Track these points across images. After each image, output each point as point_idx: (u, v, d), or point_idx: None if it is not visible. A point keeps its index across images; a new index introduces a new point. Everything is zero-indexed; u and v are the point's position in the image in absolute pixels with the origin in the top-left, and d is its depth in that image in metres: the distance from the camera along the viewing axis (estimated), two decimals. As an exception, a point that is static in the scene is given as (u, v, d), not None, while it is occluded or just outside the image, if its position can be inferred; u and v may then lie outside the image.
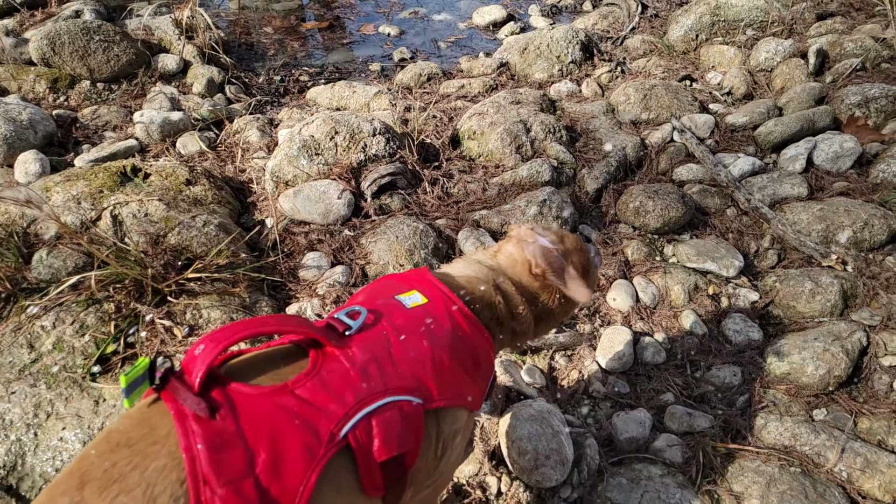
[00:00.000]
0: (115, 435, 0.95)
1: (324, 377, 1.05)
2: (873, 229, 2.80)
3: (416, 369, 1.15)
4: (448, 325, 1.25)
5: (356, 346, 1.12)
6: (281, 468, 0.95)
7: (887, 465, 1.97)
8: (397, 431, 1.08)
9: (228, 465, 0.91)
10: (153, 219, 2.56)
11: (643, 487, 1.88)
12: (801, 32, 4.36)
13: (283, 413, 0.99)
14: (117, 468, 0.89)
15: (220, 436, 0.93)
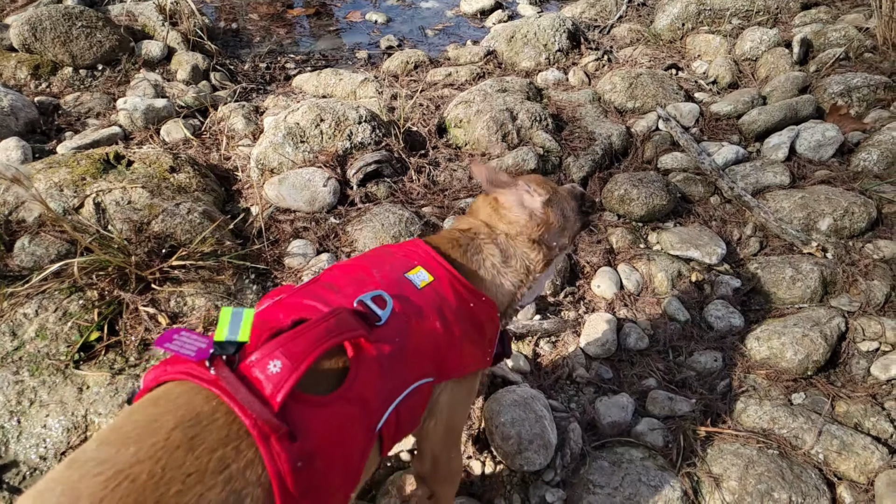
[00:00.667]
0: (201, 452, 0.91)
1: (365, 379, 1.12)
2: (853, 217, 2.83)
3: (430, 353, 1.26)
4: (455, 303, 1.33)
5: (385, 339, 1.19)
6: (345, 470, 1.07)
7: (863, 447, 2.01)
8: (413, 416, 1.24)
9: (307, 481, 0.98)
10: (137, 206, 2.55)
11: (624, 470, 1.90)
12: (785, 22, 4.39)
13: (343, 421, 1.07)
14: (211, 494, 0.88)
15: (301, 455, 0.97)
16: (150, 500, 0.82)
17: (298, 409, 1.00)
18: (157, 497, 0.83)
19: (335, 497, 1.06)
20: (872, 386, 2.28)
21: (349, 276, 1.31)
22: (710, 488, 1.90)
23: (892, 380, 2.28)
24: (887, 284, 2.60)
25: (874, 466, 1.97)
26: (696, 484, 1.92)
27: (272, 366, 0.99)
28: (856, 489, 1.94)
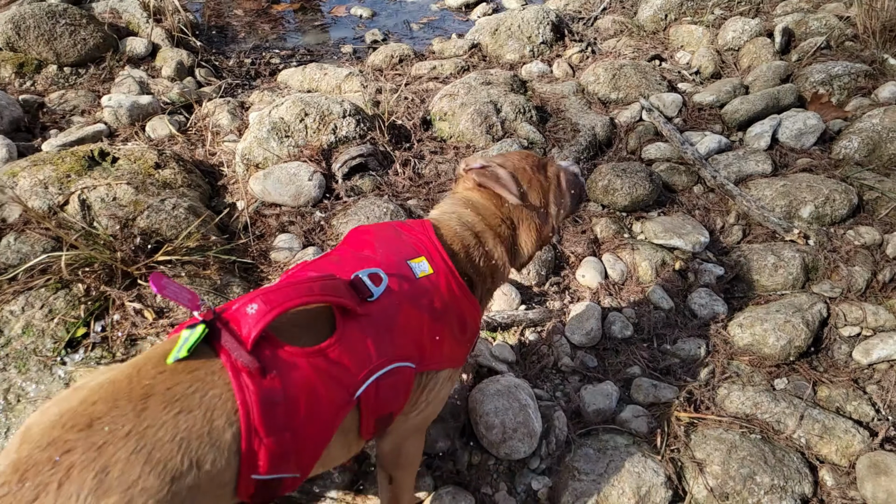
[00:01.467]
0: (147, 375, 1.04)
1: (349, 342, 1.19)
2: (834, 204, 2.87)
3: (415, 338, 1.31)
4: (447, 298, 1.39)
5: (375, 314, 1.25)
6: (312, 422, 1.12)
7: (844, 430, 2.04)
8: (395, 393, 1.27)
9: (274, 419, 1.06)
10: (122, 203, 2.55)
11: (609, 457, 1.93)
12: (767, 11, 4.42)
13: (318, 374, 1.13)
14: (179, 388, 1.02)
15: (270, 395, 1.06)
16: (124, 396, 0.99)
17: (275, 354, 1.09)
18: (129, 393, 0.99)
19: (304, 448, 1.12)
20: (854, 370, 2.32)
21: (354, 252, 1.40)
22: (694, 473, 1.93)
23: (873, 364, 2.32)
24: (868, 270, 2.63)
25: (855, 449, 2.01)
26: (679, 469, 1.95)
27: (250, 308, 1.10)
28: (837, 472, 1.97)
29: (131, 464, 0.92)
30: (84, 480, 0.89)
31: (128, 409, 0.97)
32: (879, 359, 2.31)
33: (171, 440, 0.97)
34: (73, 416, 0.96)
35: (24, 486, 0.89)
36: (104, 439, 0.93)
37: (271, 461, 1.07)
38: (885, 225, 2.86)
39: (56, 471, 0.90)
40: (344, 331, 1.20)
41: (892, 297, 2.53)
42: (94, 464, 0.91)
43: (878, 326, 2.43)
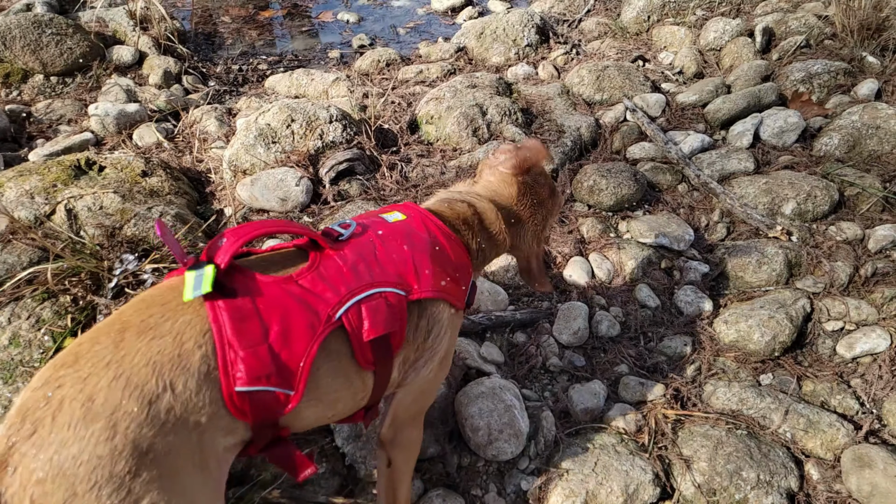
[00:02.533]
0: (149, 298, 1.15)
1: (321, 272, 1.26)
2: (816, 200, 2.90)
3: (398, 268, 1.36)
4: (425, 235, 1.45)
5: (348, 249, 1.33)
6: (289, 339, 1.17)
7: (828, 424, 2.07)
8: (383, 316, 1.29)
9: (248, 334, 1.13)
10: (108, 211, 2.55)
11: (597, 456, 1.95)
12: (748, 11, 4.47)
13: (290, 297, 1.20)
14: (152, 319, 1.10)
15: (241, 311, 1.14)
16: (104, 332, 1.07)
17: (246, 279, 1.19)
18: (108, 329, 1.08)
19: (285, 363, 1.17)
20: (838, 364, 2.35)
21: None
22: (682, 470, 1.95)
23: (856, 357, 2.35)
24: (850, 265, 2.67)
25: (840, 443, 2.03)
26: (667, 466, 1.97)
27: (220, 241, 1.20)
28: (823, 466, 2.00)
29: (112, 390, 1.00)
30: (74, 410, 0.98)
31: (107, 342, 1.05)
32: (862, 352, 2.34)
33: (144, 365, 1.04)
34: (62, 357, 1.05)
35: (25, 422, 0.98)
36: (88, 372, 1.01)
37: (250, 372, 1.12)
38: (866, 220, 2.90)
39: (49, 405, 0.98)
40: (316, 262, 1.27)
41: (874, 292, 2.57)
42: (81, 395, 0.99)
43: (860, 321, 2.46)
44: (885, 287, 2.56)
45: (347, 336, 1.26)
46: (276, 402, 1.17)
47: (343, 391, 1.32)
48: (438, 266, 1.43)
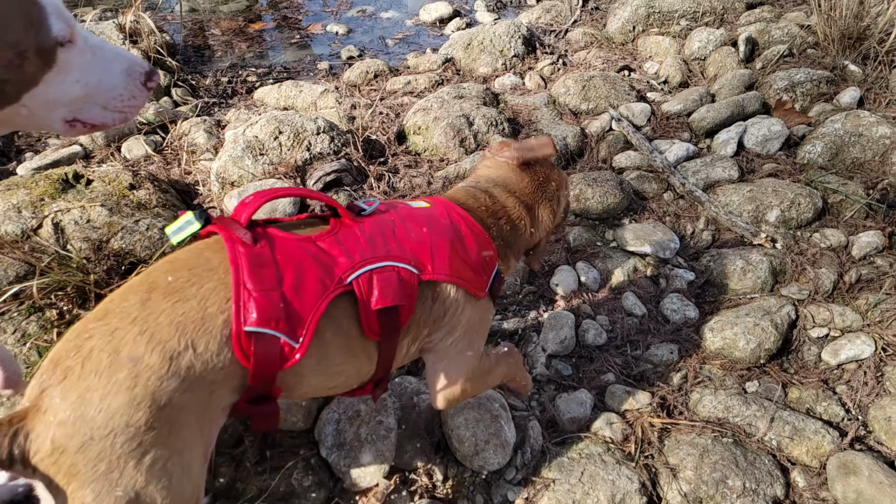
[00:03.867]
0: (178, 261, 1.22)
1: (339, 238, 1.33)
2: (800, 208, 2.93)
3: (414, 248, 1.41)
4: (447, 221, 1.50)
5: (368, 223, 1.40)
6: (301, 291, 1.23)
7: (814, 431, 2.08)
8: (393, 288, 1.33)
9: (262, 278, 1.19)
10: (95, 225, 2.55)
11: (583, 465, 1.95)
12: (731, 21, 4.52)
13: (307, 254, 1.28)
14: (179, 283, 1.16)
15: (259, 257, 1.21)
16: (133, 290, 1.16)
17: (267, 233, 1.27)
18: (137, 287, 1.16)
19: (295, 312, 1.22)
20: (824, 371, 2.36)
21: None
22: (668, 479, 1.95)
23: (842, 364, 2.36)
24: (834, 272, 2.69)
25: (825, 450, 2.04)
26: (653, 475, 1.97)
27: (247, 199, 1.31)
28: (809, 473, 2.01)
29: (137, 344, 1.09)
30: (101, 360, 1.06)
31: (135, 300, 1.14)
32: (847, 359, 2.35)
33: (169, 325, 1.12)
34: (94, 313, 1.15)
35: (57, 370, 1.06)
36: (116, 325, 1.10)
37: (261, 313, 1.17)
38: (849, 227, 2.92)
39: (79, 354, 1.07)
40: (336, 229, 1.35)
41: (859, 298, 2.59)
42: (108, 346, 1.08)
43: (845, 327, 2.48)
44: (869, 293, 2.59)
45: (356, 303, 1.31)
46: (281, 352, 1.21)
47: (345, 358, 1.35)
48: (456, 252, 1.47)
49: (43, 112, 1.38)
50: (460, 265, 1.47)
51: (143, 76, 1.45)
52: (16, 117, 1.37)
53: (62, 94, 1.38)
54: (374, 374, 1.45)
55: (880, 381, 2.28)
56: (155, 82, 1.48)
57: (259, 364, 1.19)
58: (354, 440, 1.92)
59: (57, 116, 1.40)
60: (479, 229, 1.56)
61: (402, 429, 2.00)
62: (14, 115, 1.36)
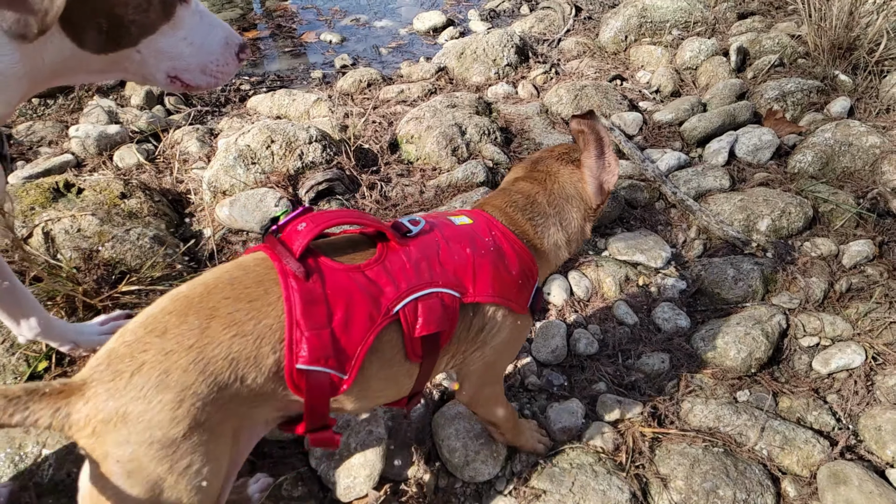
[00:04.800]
0: (239, 286, 1.26)
1: (387, 266, 1.36)
2: (790, 217, 2.94)
3: (458, 270, 1.44)
4: (489, 239, 1.53)
5: (413, 246, 1.42)
6: (349, 326, 1.27)
7: (805, 440, 2.08)
8: (436, 315, 1.38)
9: (314, 317, 1.24)
10: (86, 234, 2.54)
11: (574, 475, 1.95)
12: (723, 31, 4.55)
13: (356, 286, 1.31)
14: (238, 314, 1.21)
15: (311, 294, 1.25)
16: (194, 312, 1.20)
17: (319, 264, 1.30)
18: (198, 311, 1.20)
19: (343, 348, 1.28)
20: (815, 380, 2.37)
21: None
22: (658, 489, 1.95)
23: (832, 373, 2.37)
24: (825, 281, 2.70)
25: (816, 459, 2.04)
26: (644, 485, 1.97)
27: (300, 226, 1.32)
28: (799, 482, 2.00)
29: (189, 372, 1.15)
30: (150, 376, 1.13)
31: (195, 325, 1.19)
32: (838, 368, 2.36)
33: (223, 358, 1.18)
34: (153, 322, 1.19)
35: (108, 369, 1.14)
36: (172, 347, 1.16)
37: (311, 353, 1.23)
38: (840, 236, 2.94)
39: (132, 363, 1.14)
40: (383, 256, 1.38)
41: (849, 307, 2.60)
42: (161, 365, 1.14)
43: (836, 336, 2.49)
44: (859, 302, 2.60)
45: (401, 329, 1.36)
46: (330, 383, 1.28)
47: (390, 381, 1.42)
48: (498, 272, 1.49)
49: (152, 62, 1.52)
50: (502, 284, 1.49)
51: (237, 47, 1.61)
52: (128, 62, 1.49)
53: (170, 48, 1.51)
54: (412, 389, 1.51)
55: (871, 390, 2.28)
56: (246, 55, 1.65)
57: (311, 395, 1.27)
58: (344, 450, 1.92)
59: (162, 69, 1.54)
60: (521, 246, 1.58)
61: (392, 439, 2.00)
62: (127, 59, 1.48)
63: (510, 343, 1.60)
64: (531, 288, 1.59)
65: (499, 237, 1.55)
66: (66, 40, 1.35)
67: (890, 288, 2.62)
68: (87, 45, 1.38)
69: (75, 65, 1.42)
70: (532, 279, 1.59)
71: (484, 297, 1.47)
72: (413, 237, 1.45)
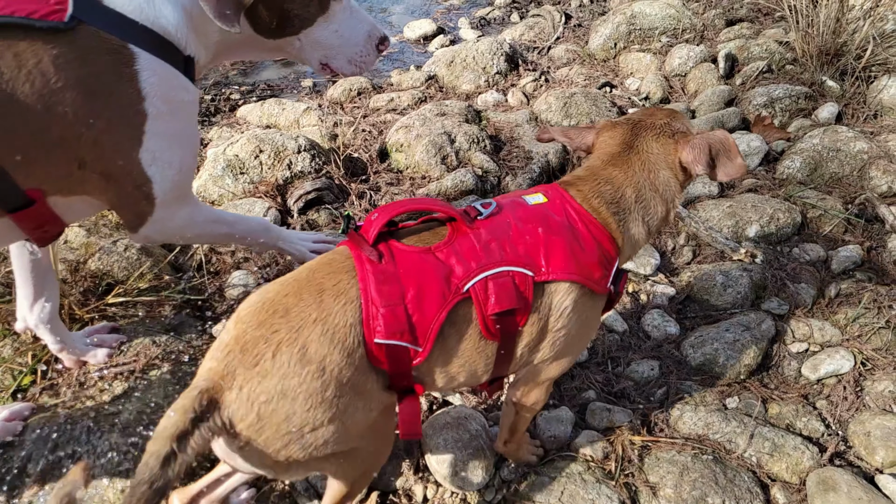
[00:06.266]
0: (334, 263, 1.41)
1: (456, 247, 1.43)
2: (779, 223, 2.95)
3: (529, 249, 1.47)
4: (562, 217, 1.54)
5: (483, 227, 1.48)
6: (422, 303, 1.37)
7: (793, 447, 2.08)
8: (508, 293, 1.42)
9: (388, 294, 1.35)
10: (73, 245, 2.53)
11: (563, 484, 1.94)
12: (711, 38, 4.57)
13: (427, 266, 1.40)
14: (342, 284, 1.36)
15: (384, 274, 1.36)
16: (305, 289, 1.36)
17: (391, 248, 1.41)
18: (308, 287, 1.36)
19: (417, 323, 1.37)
20: (804, 386, 2.37)
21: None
22: (648, 497, 1.95)
23: (821, 379, 2.37)
24: (814, 286, 2.71)
25: (805, 466, 2.04)
26: (634, 494, 1.97)
27: (373, 216, 1.44)
28: (788, 489, 2.00)
29: (321, 343, 1.30)
30: (291, 353, 1.27)
31: (311, 301, 1.33)
32: (827, 374, 2.36)
33: (344, 325, 1.32)
34: (272, 305, 1.33)
35: (246, 354, 1.27)
36: (299, 324, 1.30)
37: (387, 328, 1.33)
38: (828, 241, 2.95)
39: (269, 345, 1.28)
40: (453, 238, 1.45)
41: (838, 313, 2.60)
42: (296, 342, 1.28)
43: (825, 342, 2.49)
44: (848, 308, 2.60)
45: (474, 307, 1.42)
46: (407, 355, 1.39)
47: (468, 359, 1.48)
48: (571, 250, 1.50)
49: (309, 49, 1.81)
50: (577, 262, 1.50)
51: (377, 40, 1.86)
52: (290, 47, 1.80)
53: (324, 38, 1.79)
54: (492, 372, 1.56)
55: (860, 395, 2.28)
56: (386, 47, 1.91)
57: (392, 366, 1.39)
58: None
59: (316, 57, 1.84)
60: (597, 225, 1.55)
61: (380, 450, 1.98)
62: (290, 44, 1.79)
63: (586, 324, 1.61)
64: (611, 267, 1.57)
65: (572, 216, 1.55)
66: (247, 24, 1.68)
67: (878, 293, 2.62)
68: (261, 30, 1.71)
69: (251, 44, 1.76)
70: (611, 259, 1.57)
71: (559, 274, 1.48)
72: (483, 219, 1.50)
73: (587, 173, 1.66)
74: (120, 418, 1.99)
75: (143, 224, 1.70)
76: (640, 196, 1.63)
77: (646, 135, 1.68)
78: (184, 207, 1.77)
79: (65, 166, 1.49)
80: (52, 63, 1.38)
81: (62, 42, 1.40)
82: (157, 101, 1.55)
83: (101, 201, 1.66)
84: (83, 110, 1.44)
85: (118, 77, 1.48)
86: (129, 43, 1.49)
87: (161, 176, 1.63)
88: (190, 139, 1.74)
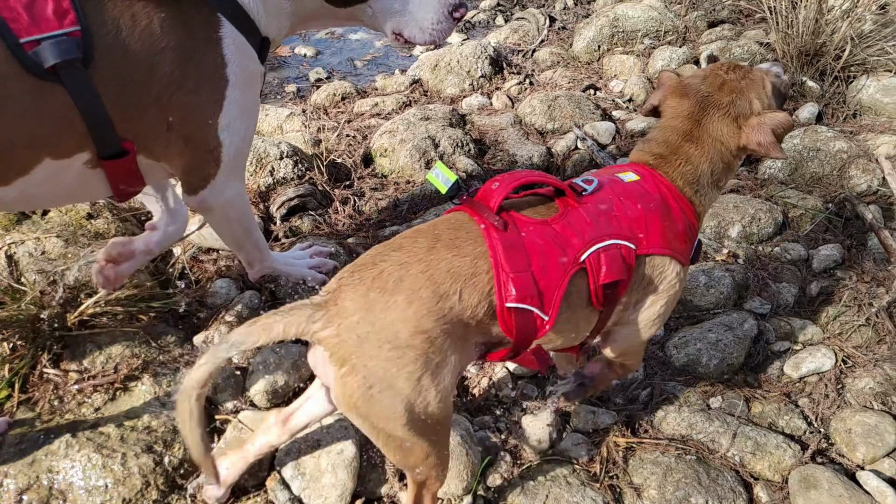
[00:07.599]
0: (457, 221, 1.51)
1: (569, 220, 1.52)
2: (761, 223, 2.97)
3: (631, 224, 1.58)
4: (657, 194, 1.64)
5: (590, 202, 1.57)
6: (546, 271, 1.45)
7: (776, 445, 2.09)
8: (618, 264, 1.52)
9: (515, 261, 1.42)
10: (51, 256, 2.51)
11: (548, 488, 1.94)
12: (693, 40, 4.60)
13: (547, 237, 1.48)
14: (459, 239, 1.45)
15: (511, 241, 1.44)
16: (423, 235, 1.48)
17: (513, 218, 1.49)
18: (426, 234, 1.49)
19: (543, 290, 1.44)
20: (787, 385, 2.39)
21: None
22: (632, 499, 1.96)
23: (803, 377, 2.39)
24: (795, 286, 2.72)
25: (787, 464, 2.06)
26: (618, 495, 1.97)
27: (493, 185, 1.53)
28: (771, 488, 2.02)
29: (418, 279, 1.38)
30: (388, 280, 1.38)
31: (423, 244, 1.44)
32: (809, 372, 2.38)
33: (446, 272, 1.40)
34: (392, 242, 1.48)
35: (355, 275, 1.42)
36: (406, 259, 1.41)
37: (519, 291, 1.41)
38: (809, 241, 2.97)
39: (374, 269, 1.40)
40: (566, 212, 1.54)
41: (819, 311, 2.62)
42: (396, 273, 1.39)
43: (806, 340, 2.51)
44: (829, 306, 2.62)
45: (587, 277, 1.51)
46: (534, 324, 1.46)
47: (573, 324, 1.59)
48: (666, 225, 1.62)
49: (380, 17, 1.87)
50: (671, 237, 1.62)
51: (450, 6, 1.86)
52: (363, 15, 1.88)
53: (388, 7, 1.85)
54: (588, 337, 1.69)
55: (841, 393, 2.30)
56: (461, 13, 1.91)
57: (519, 334, 1.46)
58: (315, 470, 1.90)
59: (388, 26, 1.91)
60: (685, 201, 1.69)
61: (364, 457, 1.98)
62: (362, 12, 1.88)
63: (675, 293, 1.74)
64: (693, 240, 1.74)
65: (664, 192, 1.66)
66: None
67: (858, 291, 2.64)
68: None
69: (325, 13, 1.86)
70: (694, 233, 1.73)
71: (656, 248, 1.60)
72: (589, 195, 1.59)
73: (667, 151, 1.77)
74: (99, 431, 1.97)
75: (205, 186, 1.81)
76: (713, 172, 1.77)
77: (713, 114, 1.76)
78: (237, 181, 1.88)
79: (157, 124, 1.62)
80: (160, 25, 1.52)
81: (169, 6, 1.54)
82: (237, 69, 1.67)
83: (175, 168, 1.78)
84: (178, 72, 1.57)
85: (207, 42, 1.60)
86: (217, 11, 1.62)
87: (230, 142, 1.75)
88: (255, 110, 1.86)
